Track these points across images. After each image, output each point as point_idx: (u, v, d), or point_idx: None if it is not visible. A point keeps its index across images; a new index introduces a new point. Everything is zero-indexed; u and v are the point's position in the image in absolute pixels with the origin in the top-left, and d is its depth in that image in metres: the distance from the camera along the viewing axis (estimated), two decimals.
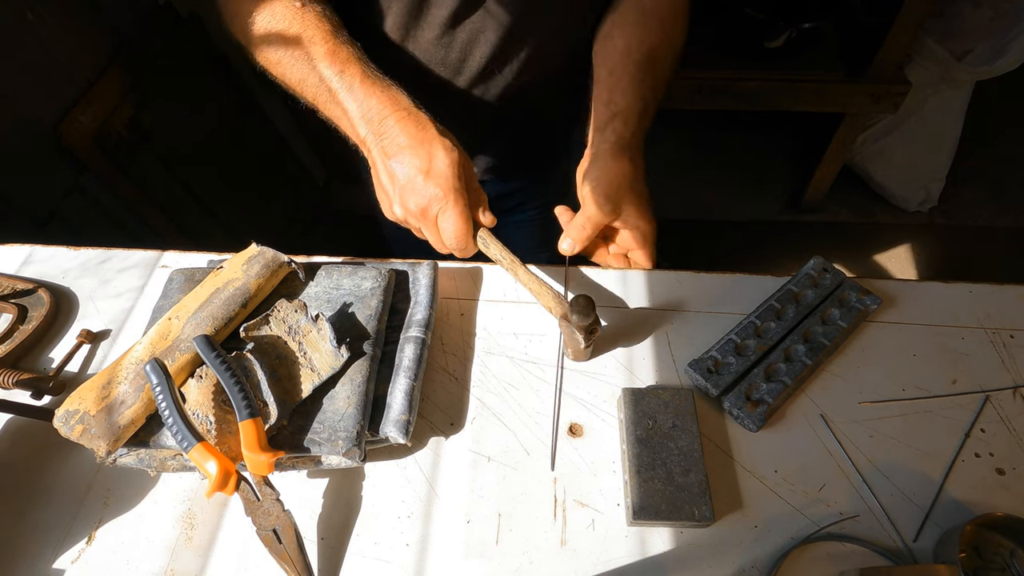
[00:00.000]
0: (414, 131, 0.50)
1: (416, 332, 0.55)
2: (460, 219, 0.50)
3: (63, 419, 0.47)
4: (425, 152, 0.50)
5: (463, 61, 0.67)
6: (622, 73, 0.61)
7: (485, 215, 0.53)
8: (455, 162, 0.50)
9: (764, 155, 2.16)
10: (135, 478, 0.51)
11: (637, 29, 0.63)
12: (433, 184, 0.50)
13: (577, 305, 0.49)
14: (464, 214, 0.51)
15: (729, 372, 0.54)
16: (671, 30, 0.64)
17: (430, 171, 0.50)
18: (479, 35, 0.65)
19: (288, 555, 0.44)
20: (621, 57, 0.62)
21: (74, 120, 1.08)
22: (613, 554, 0.46)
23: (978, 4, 1.50)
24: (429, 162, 0.50)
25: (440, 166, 0.50)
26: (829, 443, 0.51)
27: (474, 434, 0.53)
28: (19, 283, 0.64)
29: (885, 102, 1.56)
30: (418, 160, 0.50)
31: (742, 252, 1.97)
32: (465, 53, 0.66)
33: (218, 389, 0.48)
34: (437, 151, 0.50)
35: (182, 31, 1.36)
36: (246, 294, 0.54)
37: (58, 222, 1.08)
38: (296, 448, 0.48)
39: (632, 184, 0.55)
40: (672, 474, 0.47)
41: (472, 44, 0.66)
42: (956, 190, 2.01)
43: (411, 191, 0.51)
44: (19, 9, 0.98)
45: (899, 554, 0.46)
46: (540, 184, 0.95)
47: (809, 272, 0.61)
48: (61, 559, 0.48)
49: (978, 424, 0.52)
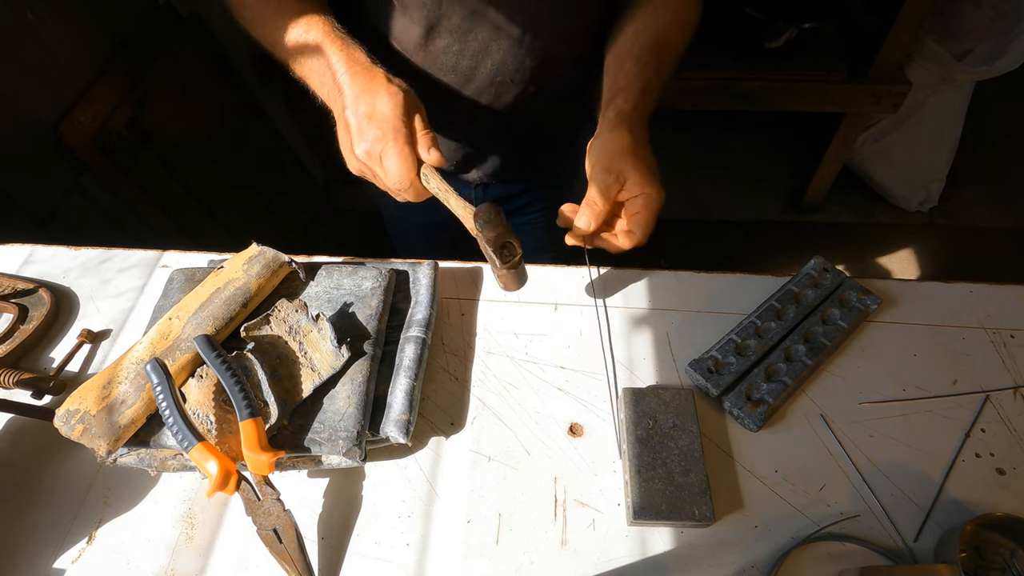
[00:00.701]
0: (364, 82, 0.53)
1: (417, 332, 0.55)
2: (400, 156, 0.52)
3: (64, 419, 0.47)
4: (371, 98, 0.53)
5: (474, 69, 0.68)
6: (626, 55, 0.62)
7: (431, 153, 0.54)
8: (397, 104, 0.52)
9: (765, 155, 2.16)
10: (135, 478, 0.51)
11: (645, 15, 0.64)
12: (376, 126, 0.52)
13: (480, 213, 0.50)
14: (403, 152, 0.52)
15: (729, 372, 0.54)
16: (683, 12, 0.65)
17: (373, 114, 0.52)
18: (490, 44, 0.65)
19: (288, 555, 0.44)
20: (628, 41, 0.63)
21: (74, 120, 1.08)
22: (613, 554, 0.46)
23: (978, 4, 1.50)
24: (373, 106, 0.52)
25: (382, 109, 0.52)
26: (829, 443, 0.51)
27: (474, 434, 0.53)
28: (20, 283, 0.64)
29: (885, 102, 1.56)
30: (364, 107, 0.53)
31: (743, 252, 1.97)
32: (476, 61, 0.67)
33: (219, 389, 0.48)
34: (381, 95, 0.52)
35: (182, 31, 1.36)
36: (247, 294, 0.54)
37: (59, 222, 1.08)
38: (296, 448, 0.48)
39: (634, 152, 0.55)
40: (672, 474, 0.47)
41: (483, 54, 0.66)
42: (956, 190, 2.01)
43: (359, 136, 0.53)
44: (19, 9, 0.98)
45: (899, 554, 0.46)
46: (545, 187, 0.95)
47: (809, 272, 0.61)
48: (62, 559, 0.48)
49: (978, 424, 0.52)
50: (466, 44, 0.65)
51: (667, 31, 0.63)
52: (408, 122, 0.53)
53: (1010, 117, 2.12)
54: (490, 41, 0.65)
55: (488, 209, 0.50)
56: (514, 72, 0.68)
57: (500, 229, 0.51)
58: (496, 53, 0.66)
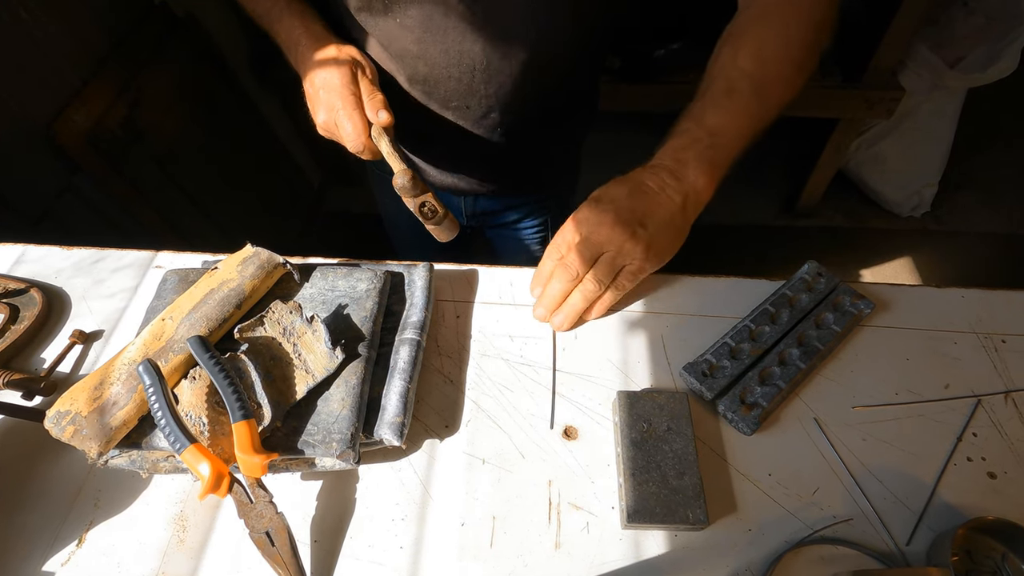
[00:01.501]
0: (315, 53, 0.58)
1: (411, 334, 0.55)
2: (350, 121, 0.56)
3: (54, 420, 0.46)
4: (321, 69, 0.57)
5: (428, 95, 0.67)
6: (703, 92, 0.55)
7: (379, 115, 0.57)
8: (344, 72, 0.57)
9: (759, 159, 2.16)
10: (127, 480, 0.51)
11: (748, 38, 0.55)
12: (327, 95, 0.57)
13: (397, 183, 0.56)
14: (352, 116, 0.56)
15: (724, 375, 0.54)
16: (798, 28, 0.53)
17: (325, 84, 0.57)
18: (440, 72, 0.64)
19: (281, 558, 0.44)
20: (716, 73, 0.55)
21: (68, 119, 1.07)
22: (607, 557, 0.46)
23: (971, 12, 1.52)
24: (324, 77, 0.57)
25: (331, 78, 0.57)
26: (823, 447, 0.52)
27: (469, 436, 0.53)
28: (11, 283, 0.64)
29: (879, 108, 1.58)
30: (317, 78, 0.58)
31: (737, 256, 1.98)
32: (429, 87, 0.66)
33: (211, 390, 0.48)
34: (329, 66, 0.57)
35: (178, 30, 1.36)
36: (241, 295, 0.54)
37: (51, 221, 1.07)
38: (290, 450, 0.47)
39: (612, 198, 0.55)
40: (667, 477, 0.47)
41: (434, 82, 0.65)
42: (949, 195, 2.02)
43: (316, 106, 0.59)
44: (13, 7, 0.98)
45: (892, 557, 0.46)
46: (542, 202, 0.94)
47: (803, 276, 0.62)
48: (51, 562, 0.47)
49: (970, 428, 0.52)
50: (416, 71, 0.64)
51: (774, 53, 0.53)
52: (355, 88, 0.57)
53: (1002, 123, 2.14)
54: (439, 70, 0.64)
55: (402, 175, 0.56)
56: (470, 99, 0.67)
57: (416, 192, 0.57)
58: (447, 81, 0.65)
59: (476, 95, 0.67)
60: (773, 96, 0.54)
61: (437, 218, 0.59)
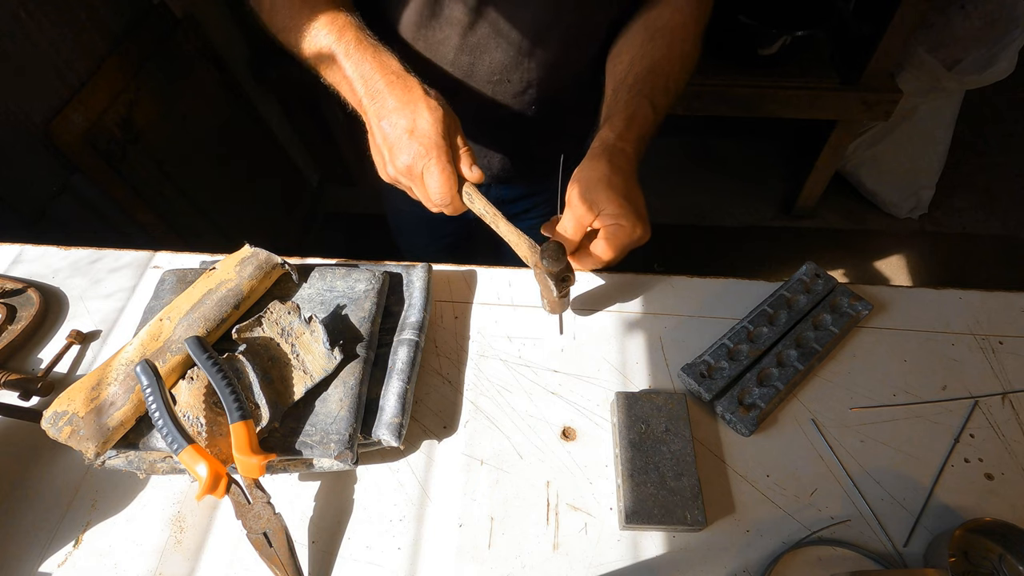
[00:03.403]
0: (401, 93, 0.53)
1: (410, 335, 0.55)
2: (443, 175, 0.53)
3: (51, 420, 0.46)
4: (411, 112, 0.53)
5: (472, 65, 0.68)
6: (620, 84, 0.61)
7: (472, 171, 0.55)
8: (438, 120, 0.53)
9: (757, 161, 2.17)
10: (124, 480, 0.51)
11: (643, 46, 0.63)
12: (417, 142, 0.53)
13: (548, 251, 0.52)
14: (447, 169, 0.53)
15: (722, 377, 0.54)
16: (681, 45, 0.64)
17: (415, 130, 0.53)
18: (489, 42, 0.65)
19: (279, 558, 0.44)
20: (623, 69, 0.63)
21: (66, 119, 1.07)
22: (605, 558, 0.46)
23: (968, 15, 1.52)
24: (414, 122, 0.53)
25: (424, 125, 0.52)
26: (820, 448, 0.52)
27: (467, 437, 0.53)
28: (8, 283, 0.63)
29: (877, 110, 1.58)
30: (404, 120, 0.53)
31: (735, 257, 1.98)
32: (474, 58, 0.67)
33: (209, 391, 0.48)
34: (421, 111, 0.52)
35: (176, 31, 1.35)
36: (239, 295, 0.54)
37: (49, 221, 1.07)
38: (288, 451, 0.47)
39: (609, 182, 0.55)
40: (665, 478, 0.47)
41: (481, 51, 0.66)
42: (946, 197, 2.03)
43: (399, 150, 0.54)
44: (12, 8, 0.98)
45: (889, 558, 0.46)
46: (549, 191, 0.95)
47: (801, 278, 0.62)
48: (48, 562, 0.47)
49: (967, 429, 0.52)
50: (465, 39, 0.65)
51: (664, 61, 0.62)
52: (449, 139, 0.54)
53: (999, 126, 2.15)
54: (489, 39, 0.65)
55: (554, 246, 0.52)
56: (512, 73, 0.68)
57: (564, 263, 0.52)
58: (495, 52, 0.66)
59: (520, 68, 0.68)
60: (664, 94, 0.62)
61: (568, 285, 0.55)
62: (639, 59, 0.62)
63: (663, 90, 0.61)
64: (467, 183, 0.55)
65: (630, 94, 0.60)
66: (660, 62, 0.62)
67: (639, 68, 0.62)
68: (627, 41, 0.66)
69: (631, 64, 0.63)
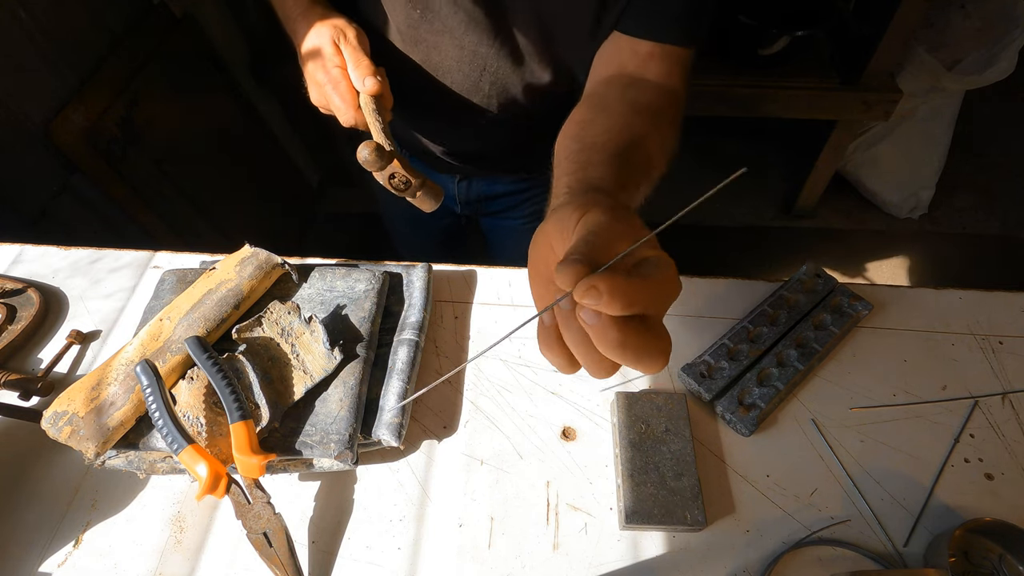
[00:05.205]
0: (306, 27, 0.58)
1: (410, 335, 0.55)
2: (337, 91, 0.55)
3: (51, 420, 0.46)
4: (307, 42, 0.57)
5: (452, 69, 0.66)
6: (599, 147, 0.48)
7: (365, 83, 0.55)
8: (325, 40, 0.56)
9: (757, 161, 2.17)
10: (124, 480, 0.51)
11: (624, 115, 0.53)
12: (314, 67, 0.57)
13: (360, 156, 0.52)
14: (340, 86, 0.55)
15: (722, 377, 0.54)
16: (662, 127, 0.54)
17: (311, 56, 0.57)
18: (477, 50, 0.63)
19: (279, 559, 0.44)
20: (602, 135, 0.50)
21: (66, 119, 1.07)
22: (605, 558, 0.46)
23: (968, 15, 1.52)
24: (310, 50, 0.57)
25: (315, 50, 0.56)
26: (820, 448, 0.52)
27: (467, 437, 0.53)
28: (8, 283, 0.63)
29: (877, 110, 1.58)
30: (304, 53, 0.58)
31: (735, 257, 1.98)
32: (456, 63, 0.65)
33: (209, 391, 0.48)
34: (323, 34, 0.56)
35: (176, 31, 1.35)
36: (239, 295, 0.54)
37: (49, 221, 1.07)
38: (287, 451, 0.47)
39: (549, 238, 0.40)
40: (665, 478, 0.47)
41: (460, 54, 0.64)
42: (946, 197, 2.03)
43: (309, 83, 0.58)
44: (11, 7, 0.98)
45: (889, 558, 0.46)
46: (535, 188, 0.95)
47: (801, 277, 0.62)
48: (48, 562, 0.47)
49: (967, 429, 0.52)
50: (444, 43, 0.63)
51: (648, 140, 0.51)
52: (339, 58, 0.56)
53: (999, 126, 2.15)
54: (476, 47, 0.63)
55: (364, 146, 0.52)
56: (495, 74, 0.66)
57: (382, 163, 0.53)
58: (478, 59, 0.64)
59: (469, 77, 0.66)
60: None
61: (411, 189, 0.55)
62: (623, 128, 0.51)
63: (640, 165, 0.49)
64: (363, 95, 0.56)
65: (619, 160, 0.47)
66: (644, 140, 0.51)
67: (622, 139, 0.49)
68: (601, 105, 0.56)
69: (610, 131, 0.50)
